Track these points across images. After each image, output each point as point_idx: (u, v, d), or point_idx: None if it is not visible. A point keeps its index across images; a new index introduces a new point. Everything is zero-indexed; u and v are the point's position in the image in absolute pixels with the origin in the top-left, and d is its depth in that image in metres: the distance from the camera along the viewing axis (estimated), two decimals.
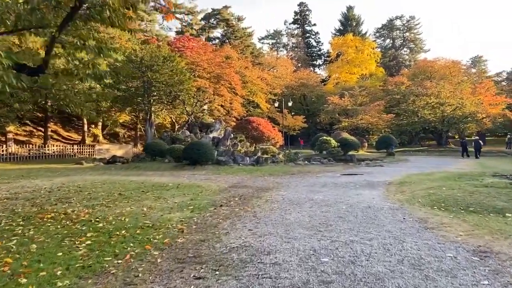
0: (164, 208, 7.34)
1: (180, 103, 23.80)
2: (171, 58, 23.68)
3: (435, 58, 54.71)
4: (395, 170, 16.68)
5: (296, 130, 52.14)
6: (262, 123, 30.45)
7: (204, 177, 13.84)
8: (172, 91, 23.12)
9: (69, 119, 33.50)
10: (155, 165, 17.85)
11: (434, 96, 40.65)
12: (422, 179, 11.31)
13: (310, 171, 16.39)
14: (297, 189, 10.18)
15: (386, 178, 13.01)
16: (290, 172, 16.00)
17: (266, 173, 15.24)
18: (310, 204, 7.53)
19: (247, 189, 10.31)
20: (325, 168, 18.09)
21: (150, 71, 22.69)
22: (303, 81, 57.06)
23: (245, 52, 57.07)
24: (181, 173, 15.37)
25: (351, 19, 77.57)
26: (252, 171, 16.09)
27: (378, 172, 15.60)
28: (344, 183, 11.53)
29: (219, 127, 26.95)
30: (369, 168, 18.49)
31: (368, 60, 64.51)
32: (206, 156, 16.82)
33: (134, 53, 23.69)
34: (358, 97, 50.25)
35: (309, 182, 11.95)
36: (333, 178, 13.24)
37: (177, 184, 11.05)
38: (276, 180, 12.63)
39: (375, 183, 11.37)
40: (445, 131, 42.72)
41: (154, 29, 43.92)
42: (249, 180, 12.85)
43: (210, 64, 38.92)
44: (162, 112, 27.40)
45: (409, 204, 7.32)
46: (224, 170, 16.11)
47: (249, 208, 7.20)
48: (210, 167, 16.97)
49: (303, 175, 14.45)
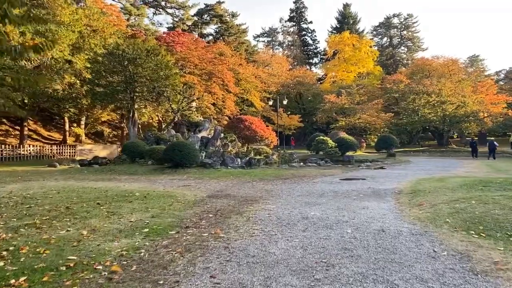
0: (111, 230, 5.53)
1: (165, 100, 21.91)
2: (155, 52, 21.80)
3: (433, 56, 53.27)
4: (400, 174, 14.94)
5: (292, 129, 50.40)
6: (255, 122, 28.66)
7: (184, 182, 12.03)
8: (156, 87, 21.25)
9: (51, 118, 31.55)
10: (133, 168, 16.01)
11: (435, 94, 39.00)
12: (437, 187, 9.54)
13: (305, 175, 14.61)
14: (289, 200, 8.39)
15: (392, 184, 11.25)
16: (283, 176, 14.22)
17: (256, 178, 13.45)
18: (304, 225, 5.73)
19: (228, 199, 8.51)
20: (322, 171, 16.33)
21: (133, 65, 20.83)
22: (299, 79, 55.35)
23: (240, 49, 55.21)
24: (158, 177, 13.54)
25: (348, 16, 75.92)
26: (240, 175, 14.29)
27: (382, 177, 13.85)
28: (345, 191, 9.75)
29: (208, 126, 25.11)
30: (370, 171, 16.74)
31: (366, 59, 62.90)
32: (189, 158, 15.00)
33: (115, 45, 21.83)
34: (355, 96, 48.58)
35: (304, 189, 10.15)
36: (331, 184, 11.46)
37: (146, 193, 9.23)
38: (266, 187, 10.83)
39: (382, 192, 9.60)
40: (447, 131, 41.05)
41: (143, 23, 41.98)
42: (235, 186, 11.05)
43: (202, 60, 37.08)
44: (147, 110, 25.53)
45: (435, 225, 5.54)
46: (209, 174, 14.30)
47: (222, 232, 5.40)
48: (193, 170, 15.14)
49: (298, 180, 12.66)
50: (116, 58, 21.09)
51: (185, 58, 35.67)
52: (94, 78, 21.59)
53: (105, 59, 21.10)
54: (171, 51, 34.39)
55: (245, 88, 45.80)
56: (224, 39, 53.60)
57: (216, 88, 37.25)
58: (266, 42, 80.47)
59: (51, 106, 24.65)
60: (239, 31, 58.66)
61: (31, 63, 23.52)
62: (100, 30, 27.42)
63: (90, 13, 27.28)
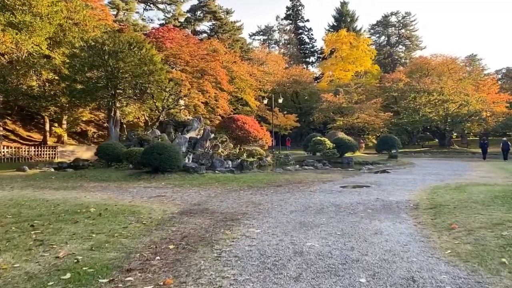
0: (17, 277, 3.78)
1: (149, 97, 20.11)
2: (138, 45, 20.00)
3: (432, 54, 51.70)
4: (407, 180, 13.24)
5: (288, 129, 48.67)
6: (249, 121, 26.90)
7: (158, 192, 10.26)
8: (139, 83, 19.46)
9: (31, 117, 29.64)
10: (107, 173, 14.20)
11: (436, 92, 37.36)
12: (462, 199, 7.83)
13: (301, 181, 12.89)
14: (280, 218, 6.63)
15: (403, 194, 9.54)
16: (276, 182, 12.49)
17: (244, 185, 11.70)
18: (296, 268, 3.98)
19: (203, 218, 6.75)
20: (320, 176, 14.60)
21: (114, 59, 19.02)
22: (296, 78, 53.64)
23: (234, 46, 53.42)
24: (132, 185, 11.75)
25: (345, 14, 74.34)
26: (227, 181, 12.53)
27: (388, 183, 12.13)
28: (348, 204, 8.01)
29: (197, 126, 23.34)
30: (373, 176, 15.03)
31: (363, 57, 61.30)
32: (170, 162, 13.23)
33: (93, 38, 20.05)
34: (353, 95, 46.96)
35: (299, 202, 8.41)
36: (332, 194, 9.72)
37: (105, 208, 7.46)
38: (254, 198, 9.08)
39: (394, 205, 7.88)
40: (449, 131, 39.35)
41: (131, 18, 40.10)
42: (217, 197, 9.30)
43: (193, 57, 35.28)
44: (131, 109, 23.70)
45: (487, 269, 3.79)
46: (191, 181, 12.53)
47: (175, 282, 3.65)
48: (175, 176, 13.36)
49: (292, 188, 10.92)
50: (96, 51, 19.30)
51: (176, 54, 33.87)
52: (71, 74, 19.75)
53: (84, 53, 19.28)
54: (161, 47, 32.66)
55: (239, 86, 44.03)
56: (218, 37, 51.82)
57: (208, 86, 35.45)
58: (262, 40, 78.70)
59: (27, 104, 22.76)
60: (234, 28, 56.88)
61: (4, 57, 21.70)
62: (82, 24, 25.57)
63: (72, 6, 25.44)
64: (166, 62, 32.56)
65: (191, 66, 35.09)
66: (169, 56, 33.26)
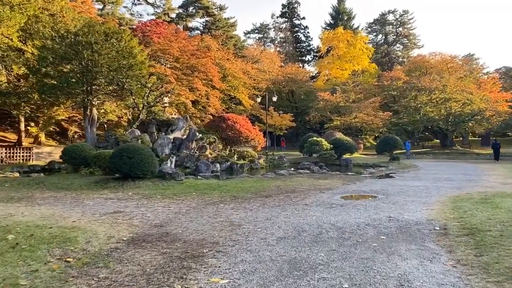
0: None
1: (128, 93, 18.15)
2: (116, 36, 18.05)
3: (430, 53, 49.88)
4: (418, 188, 11.39)
5: (283, 129, 46.83)
6: (240, 120, 25.02)
7: (118, 206, 8.35)
8: (116, 78, 17.49)
9: (6, 116, 27.55)
10: (70, 180, 12.24)
11: (438, 90, 35.58)
12: (503, 220, 5.99)
13: (295, 189, 11.02)
14: (262, 255, 4.73)
15: (421, 209, 7.69)
16: (265, 191, 10.62)
17: (227, 195, 9.82)
18: None
19: (155, 252, 4.85)
20: (317, 183, 12.73)
21: (88, 51, 17.05)
22: (291, 76, 51.81)
23: (228, 44, 51.50)
24: (91, 196, 9.81)
25: (342, 12, 72.60)
26: (208, 190, 10.64)
27: (397, 192, 10.29)
28: (355, 227, 6.14)
29: (183, 125, 21.42)
30: (378, 183, 13.18)
31: (361, 55, 59.56)
32: (142, 166, 11.31)
33: (64, 26, 18.10)
34: (351, 93, 45.20)
35: (290, 224, 6.53)
36: (332, 209, 7.86)
37: (30, 234, 5.51)
38: (234, 216, 7.20)
39: (414, 228, 6.02)
40: (451, 131, 37.51)
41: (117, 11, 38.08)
42: (188, 214, 7.40)
43: (183, 52, 33.36)
44: (111, 106, 21.73)
45: None
46: (165, 190, 10.61)
47: None
48: (147, 183, 11.43)
49: (283, 200, 9.05)
50: (68, 42, 17.34)
51: (164, 50, 31.93)
52: (41, 67, 17.77)
53: (55, 44, 17.31)
54: (148, 42, 30.72)
55: (232, 85, 42.14)
56: (211, 33, 49.89)
57: (198, 83, 33.53)
58: (257, 38, 76.76)
59: None
60: (227, 25, 54.94)
61: None
62: (59, 15, 23.59)
63: None
64: (153, 58, 30.70)
65: (181, 63, 33.18)
66: (156, 51, 31.31)
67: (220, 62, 40.72)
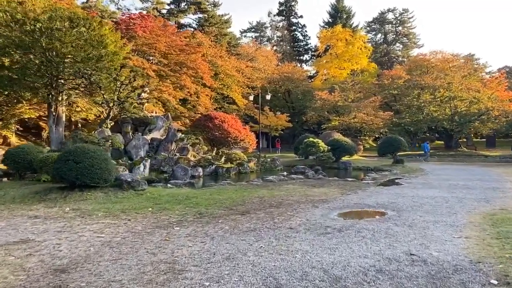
0: None
1: (97, 88, 15.88)
2: (83, 22, 15.80)
3: (431, 51, 47.54)
4: (435, 200, 9.17)
5: (279, 130, 44.58)
6: (228, 119, 22.77)
7: (37, 229, 6.08)
8: (82, 70, 15.23)
9: None
10: (4, 189, 9.95)
11: (443, 88, 33.37)
12: None
13: (281, 202, 8.79)
14: None
15: (452, 237, 5.47)
16: (243, 204, 8.39)
17: (191, 212, 7.57)
18: None
19: None
20: (311, 192, 10.49)
21: (48, 39, 14.81)
22: (288, 75, 49.61)
23: (221, 41, 49.26)
24: (17, 212, 7.51)
25: (341, 11, 70.37)
26: (171, 203, 8.39)
27: (412, 207, 8.06)
28: (360, 276, 3.91)
29: (162, 125, 19.17)
30: (384, 192, 10.93)
31: (359, 54, 57.27)
32: (92, 173, 9.05)
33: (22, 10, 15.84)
34: (350, 92, 43.04)
35: (261, 267, 4.29)
36: (326, 237, 5.62)
37: None
38: (183, 252, 4.95)
39: (453, 278, 3.80)
40: (457, 131, 35.21)
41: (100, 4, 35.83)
42: (120, 247, 5.15)
43: (170, 48, 31.13)
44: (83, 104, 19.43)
45: None
46: (115, 204, 8.35)
47: None
48: (98, 194, 9.17)
49: (263, 220, 6.80)
50: (28, 29, 15.08)
51: (150, 44, 29.70)
52: None
53: (8, 30, 15.05)
54: (133, 36, 28.47)
55: (225, 83, 39.90)
56: (204, 30, 47.65)
57: (187, 80, 31.31)
58: (254, 37, 74.59)
59: None
60: (221, 22, 52.66)
61: None
62: (28, 3, 21.31)
63: None
64: (138, 53, 28.45)
65: (170, 59, 30.98)
66: (142, 46, 29.08)
67: (213, 60, 38.52)
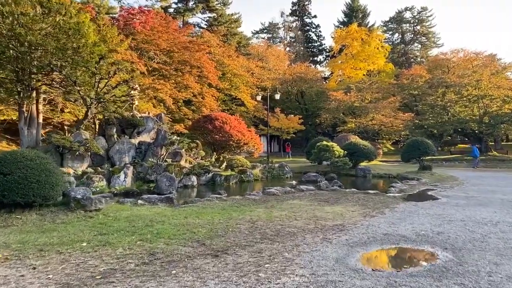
0: None
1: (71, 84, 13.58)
2: (56, 7, 13.57)
3: (452, 50, 44.11)
4: (499, 227, 6.45)
5: (291, 133, 41.82)
6: (231, 121, 20.28)
7: None
8: (52, 62, 12.98)
9: None
10: None
11: (471, 86, 30.23)
12: None
13: (279, 231, 6.21)
14: None
15: None
16: (224, 235, 5.85)
17: (142, 249, 5.06)
18: None
19: None
20: (322, 213, 7.88)
21: (10, 25, 12.60)
22: (300, 75, 46.97)
23: (230, 40, 47.04)
24: None
25: (356, 10, 67.62)
26: (121, 233, 5.91)
27: (471, 242, 5.39)
28: None
29: (153, 127, 16.78)
30: (421, 212, 8.21)
31: (376, 54, 54.12)
32: (26, 188, 6.67)
33: None
34: (367, 93, 40.15)
35: None
36: None
37: None
38: None
39: None
40: (487, 134, 31.83)
41: None
42: None
43: (173, 45, 28.94)
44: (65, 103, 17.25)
45: None
46: (42, 234, 5.89)
47: None
48: (30, 217, 6.74)
49: (242, 272, 4.25)
50: None
51: (150, 41, 27.57)
52: None
53: None
54: (131, 32, 26.38)
55: (233, 83, 37.55)
56: (212, 29, 45.52)
57: (190, 80, 29.05)
58: (266, 38, 72.24)
59: None
60: (230, 21, 50.50)
61: None
62: None
63: None
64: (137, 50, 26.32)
65: (173, 58, 28.84)
66: (140, 43, 26.96)
67: (220, 59, 36.25)
